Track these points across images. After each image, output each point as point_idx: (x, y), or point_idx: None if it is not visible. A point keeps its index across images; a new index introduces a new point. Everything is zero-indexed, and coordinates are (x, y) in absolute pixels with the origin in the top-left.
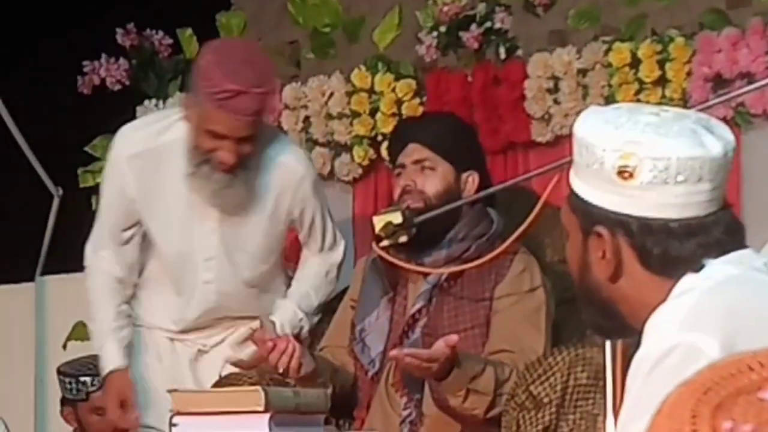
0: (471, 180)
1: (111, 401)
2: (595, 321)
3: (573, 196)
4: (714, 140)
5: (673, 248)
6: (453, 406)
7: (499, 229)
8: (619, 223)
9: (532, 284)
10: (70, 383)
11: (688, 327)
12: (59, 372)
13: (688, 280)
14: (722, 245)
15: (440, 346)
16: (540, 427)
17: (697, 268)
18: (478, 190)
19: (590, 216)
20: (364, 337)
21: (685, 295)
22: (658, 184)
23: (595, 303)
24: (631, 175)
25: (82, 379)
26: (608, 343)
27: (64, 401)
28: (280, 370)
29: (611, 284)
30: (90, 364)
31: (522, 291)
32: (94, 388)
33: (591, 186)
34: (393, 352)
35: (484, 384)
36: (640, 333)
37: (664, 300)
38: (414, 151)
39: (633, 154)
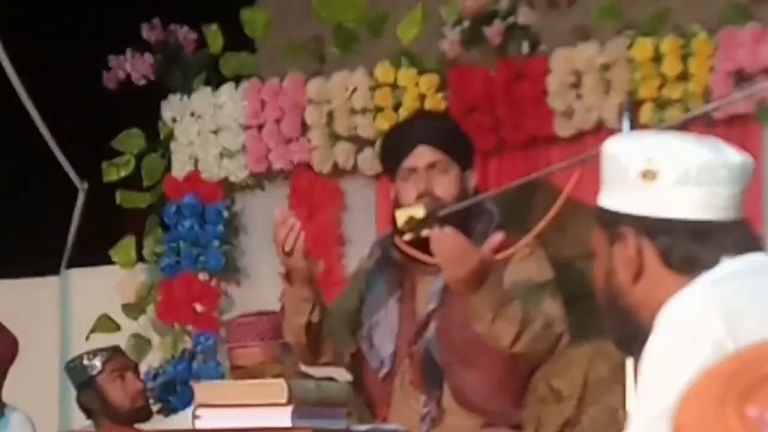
0: (472, 177)
1: None
2: (617, 332)
3: (600, 212)
4: (733, 152)
5: (694, 248)
6: (480, 332)
7: (498, 222)
8: (642, 223)
9: (540, 272)
10: (80, 364)
11: (696, 314)
12: (67, 368)
13: (703, 277)
14: (741, 247)
15: (482, 247)
16: (560, 420)
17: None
18: (475, 187)
19: (615, 222)
20: (371, 336)
21: (691, 287)
22: (680, 185)
23: (618, 313)
24: (654, 176)
25: (90, 356)
26: None
27: (80, 389)
28: (286, 249)
29: (633, 285)
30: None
31: (531, 281)
32: (105, 357)
33: (617, 194)
34: (436, 232)
35: (511, 314)
36: None
37: None
38: (426, 154)
39: (655, 157)
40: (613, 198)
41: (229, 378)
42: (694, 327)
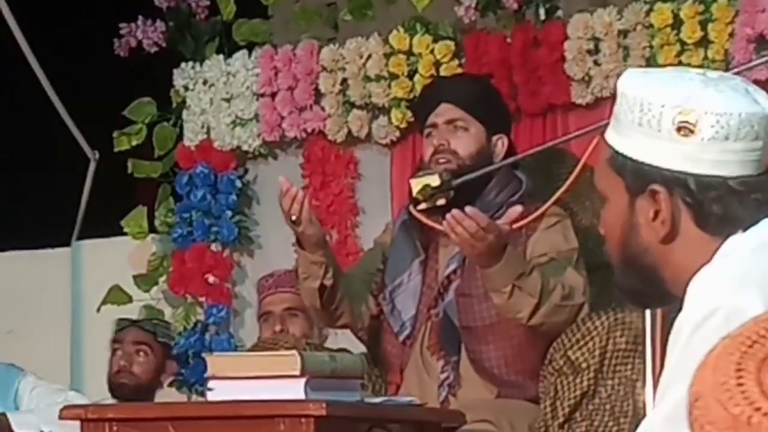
0: (501, 143)
1: None
2: (632, 287)
3: (617, 156)
4: (764, 98)
5: (733, 206)
6: (498, 305)
7: (528, 190)
8: (676, 180)
9: (567, 241)
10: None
11: (730, 288)
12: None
13: (733, 241)
14: None
15: (500, 220)
16: (578, 392)
17: (748, 227)
18: (506, 154)
19: (643, 175)
20: (394, 298)
21: (728, 256)
22: (718, 141)
23: (636, 269)
24: (691, 131)
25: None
26: None
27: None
28: (292, 218)
29: (663, 246)
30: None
31: (556, 249)
32: (119, 327)
33: (643, 144)
34: (454, 211)
35: (531, 285)
36: (681, 298)
37: (710, 261)
38: (447, 111)
39: (693, 109)
40: (637, 146)
41: (259, 329)
42: (728, 305)
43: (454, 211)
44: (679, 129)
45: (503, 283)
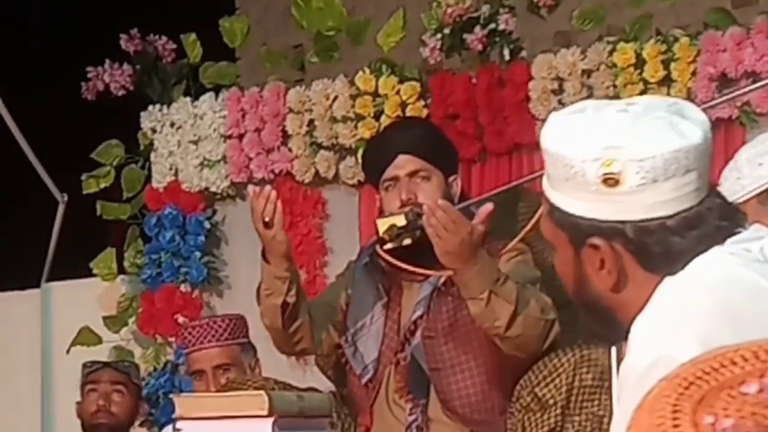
0: (455, 183)
1: None
2: (594, 330)
3: (556, 210)
4: (691, 126)
5: (675, 244)
6: (475, 314)
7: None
8: (613, 231)
9: (530, 269)
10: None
11: (670, 338)
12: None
13: (669, 283)
14: (722, 231)
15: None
16: (545, 428)
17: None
18: (460, 192)
19: (580, 229)
20: (356, 341)
21: (666, 301)
22: (647, 185)
23: (593, 313)
24: (617, 182)
25: (86, 366)
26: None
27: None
28: (266, 219)
29: (614, 294)
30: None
31: (521, 275)
32: (91, 369)
33: (575, 198)
34: (429, 202)
35: (507, 291)
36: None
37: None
38: (407, 163)
39: (614, 159)
40: (569, 200)
41: (193, 387)
42: (668, 357)
43: (430, 202)
44: (605, 181)
45: (479, 289)
